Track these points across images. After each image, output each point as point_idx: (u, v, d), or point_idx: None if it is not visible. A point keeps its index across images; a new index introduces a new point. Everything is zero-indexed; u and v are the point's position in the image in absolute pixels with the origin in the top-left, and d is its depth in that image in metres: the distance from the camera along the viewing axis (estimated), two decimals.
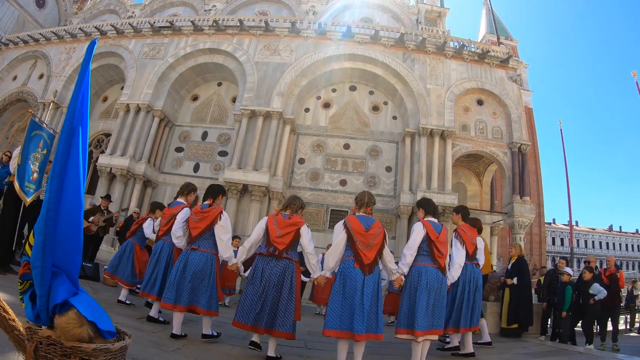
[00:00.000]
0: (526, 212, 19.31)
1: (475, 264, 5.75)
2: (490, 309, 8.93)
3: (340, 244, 4.37)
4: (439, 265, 4.65)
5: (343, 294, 4.16)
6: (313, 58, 21.68)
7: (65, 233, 2.16)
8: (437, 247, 4.66)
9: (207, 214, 5.19)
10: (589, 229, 72.14)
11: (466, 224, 5.84)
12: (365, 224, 4.39)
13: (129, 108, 22.07)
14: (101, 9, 31.43)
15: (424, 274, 4.58)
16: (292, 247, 4.75)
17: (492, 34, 35.44)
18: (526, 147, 20.50)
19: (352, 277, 4.18)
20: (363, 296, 4.08)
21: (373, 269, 4.26)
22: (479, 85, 21.54)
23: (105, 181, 20.94)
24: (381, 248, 4.38)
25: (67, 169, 2.17)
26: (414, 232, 4.74)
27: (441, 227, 4.83)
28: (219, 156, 22.34)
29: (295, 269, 4.72)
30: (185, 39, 23.38)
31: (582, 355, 6.82)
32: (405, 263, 4.62)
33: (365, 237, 4.31)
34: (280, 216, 4.87)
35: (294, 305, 4.57)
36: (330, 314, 4.13)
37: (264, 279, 4.56)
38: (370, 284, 4.17)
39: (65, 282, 2.13)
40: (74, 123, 2.23)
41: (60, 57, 25.95)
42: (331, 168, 21.31)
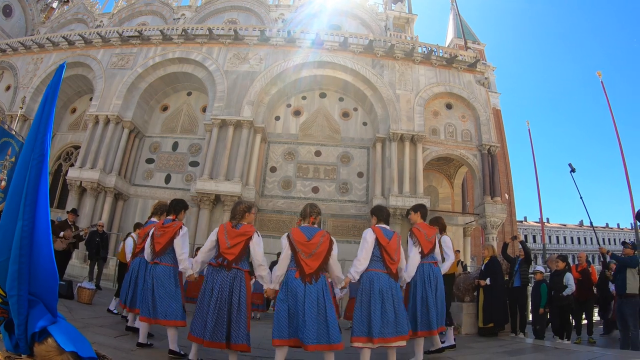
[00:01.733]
0: (498, 212, 19.71)
1: (432, 263, 5.57)
2: (467, 310, 9.14)
3: (286, 256, 4.45)
4: (390, 272, 4.69)
5: (287, 304, 4.25)
6: (283, 66, 21.72)
7: (39, 260, 2.16)
8: (389, 253, 4.69)
9: (168, 229, 5.39)
10: (560, 225, 73.84)
11: (423, 223, 5.78)
12: (307, 234, 4.48)
13: (98, 119, 21.70)
14: (69, 18, 30.81)
15: (376, 281, 4.61)
16: (242, 258, 4.68)
17: (460, 38, 36.01)
18: (495, 149, 20.94)
19: (293, 287, 4.28)
20: (305, 306, 4.15)
21: (317, 278, 4.32)
22: (448, 90, 21.91)
23: (75, 195, 20.51)
24: (326, 257, 4.45)
25: (39, 195, 2.18)
26: (364, 238, 4.77)
27: (392, 233, 4.88)
28: (190, 167, 22.18)
29: (245, 278, 4.67)
30: (154, 48, 23.14)
31: (559, 350, 6.99)
32: (357, 270, 4.67)
33: (307, 247, 4.40)
34: (230, 226, 4.82)
35: (245, 315, 4.53)
36: (276, 324, 4.22)
37: (214, 291, 4.53)
38: (312, 294, 4.23)
39: (42, 310, 2.13)
40: (45, 149, 2.25)
41: (28, 67, 25.37)
42: (303, 176, 21.39)
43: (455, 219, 23.07)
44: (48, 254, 2.24)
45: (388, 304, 4.53)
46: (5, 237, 2.15)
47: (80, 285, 8.85)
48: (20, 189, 2.19)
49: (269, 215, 20.33)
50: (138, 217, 21.11)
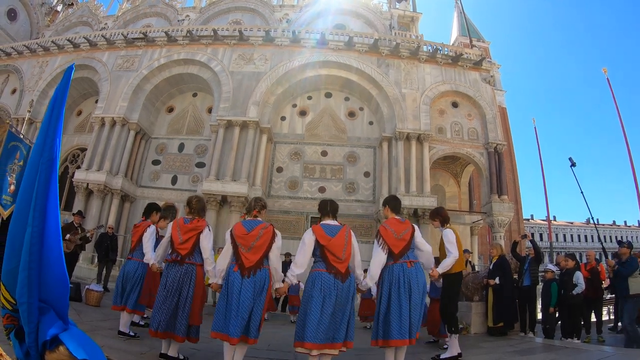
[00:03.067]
0: (505, 211, 19.59)
1: (405, 263, 4.70)
2: (476, 309, 9.06)
3: (227, 250, 4.43)
4: (336, 271, 4.28)
5: (225, 297, 4.23)
6: (288, 66, 21.69)
7: (50, 266, 2.12)
8: (331, 252, 4.33)
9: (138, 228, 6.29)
10: (567, 222, 73.62)
11: (394, 218, 5.00)
12: (247, 227, 4.41)
13: (104, 122, 21.77)
14: (74, 21, 30.92)
15: (317, 281, 4.27)
16: (193, 252, 4.79)
17: (465, 36, 35.91)
18: (502, 147, 20.83)
19: (230, 280, 4.25)
20: (240, 299, 4.10)
21: (255, 272, 4.24)
22: (454, 88, 21.81)
23: (82, 197, 20.58)
24: (267, 250, 4.36)
25: (49, 200, 2.14)
26: (302, 240, 4.47)
27: (339, 228, 4.50)
28: (196, 167, 22.19)
29: (196, 272, 4.75)
30: (159, 50, 23.19)
31: (569, 349, 6.89)
32: (293, 274, 4.39)
33: (245, 240, 4.33)
34: (183, 221, 4.90)
35: (190, 308, 4.60)
36: (215, 316, 4.22)
37: (167, 286, 4.64)
38: (248, 287, 4.16)
39: (53, 318, 2.10)
40: (54, 153, 2.21)
41: (33, 70, 25.46)
42: (309, 176, 21.36)
43: (463, 217, 22.99)
44: (59, 260, 2.20)
45: (328, 307, 4.15)
46: (15, 244, 2.12)
47: (88, 287, 8.85)
48: (29, 194, 2.15)
49: (275, 216, 20.26)
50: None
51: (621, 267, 8.22)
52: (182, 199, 20.51)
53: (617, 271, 8.33)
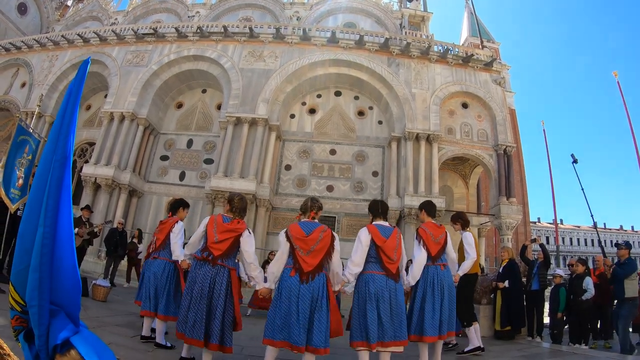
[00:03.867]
0: (513, 213, 19.47)
1: (439, 265, 5.12)
2: (483, 312, 8.99)
3: (284, 252, 4.22)
4: (389, 272, 4.35)
5: (281, 304, 4.03)
6: (298, 64, 21.65)
7: (61, 268, 2.05)
8: (386, 253, 4.36)
9: (165, 225, 5.73)
10: (574, 226, 73.13)
11: (430, 222, 5.33)
12: (306, 230, 4.22)
13: (113, 116, 21.81)
14: (84, 15, 31.07)
15: (371, 283, 4.31)
16: (229, 255, 4.44)
17: (475, 37, 35.76)
18: (511, 149, 20.72)
19: (287, 286, 4.05)
20: (298, 306, 3.93)
21: (314, 277, 4.05)
22: (464, 89, 21.70)
23: (90, 191, 20.65)
24: (327, 254, 4.19)
25: (61, 200, 2.06)
26: (358, 238, 4.48)
27: (392, 230, 4.54)
28: (204, 164, 22.17)
29: (230, 276, 4.38)
30: (169, 45, 23.20)
31: (578, 355, 6.88)
32: (351, 272, 4.37)
33: (305, 243, 4.14)
34: (221, 219, 4.55)
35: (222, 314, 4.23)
36: (268, 324, 4.03)
37: (196, 286, 4.29)
38: (306, 294, 3.97)
39: (65, 321, 2.03)
40: (67, 151, 2.13)
41: (43, 65, 25.58)
42: (318, 174, 21.31)
43: (470, 219, 22.76)
44: (71, 262, 2.11)
45: (384, 307, 4.24)
46: (25, 244, 2.04)
47: (95, 282, 8.81)
48: (41, 193, 2.07)
49: (283, 214, 20.23)
50: (152, 213, 21.26)
51: (618, 268, 8.12)
52: (189, 195, 20.53)
53: (614, 272, 8.23)
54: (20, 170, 7.15)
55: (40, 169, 2.16)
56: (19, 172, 7.11)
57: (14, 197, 7.01)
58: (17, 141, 7.22)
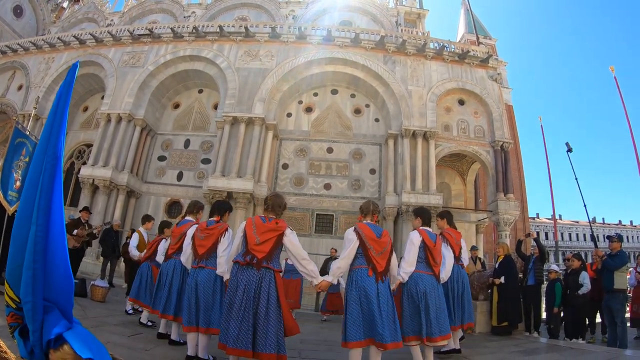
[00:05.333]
0: (511, 209, 19.45)
1: (460, 265, 6.08)
2: (481, 308, 9.03)
3: (353, 250, 4.31)
4: (434, 273, 4.81)
5: (359, 303, 4.13)
6: (294, 63, 21.65)
7: (54, 265, 2.10)
8: (433, 255, 4.82)
9: (213, 231, 5.01)
10: (573, 221, 73.18)
11: (451, 228, 6.12)
12: (376, 232, 4.40)
13: (110, 118, 21.79)
14: (80, 17, 30.98)
15: (420, 282, 4.71)
16: (272, 256, 4.20)
17: (471, 34, 35.77)
18: (508, 145, 20.71)
19: (364, 285, 4.16)
20: (380, 304, 4.08)
21: (386, 276, 4.31)
22: (460, 86, 21.71)
23: (88, 193, 20.63)
24: (390, 257, 4.42)
25: (53, 198, 2.10)
26: (411, 240, 4.87)
27: (436, 236, 5.02)
28: (202, 164, 22.17)
29: (275, 278, 4.16)
30: (165, 46, 23.19)
31: (575, 350, 6.89)
32: (406, 272, 4.73)
33: (378, 245, 4.32)
34: (259, 220, 4.32)
35: (275, 320, 3.98)
36: (350, 325, 4.07)
37: (239, 292, 4.04)
38: (384, 292, 4.19)
39: (58, 317, 2.07)
40: (58, 151, 2.17)
41: (39, 67, 25.51)
42: (315, 172, 21.35)
43: (468, 215, 22.88)
44: (63, 259, 2.17)
45: (432, 304, 4.64)
46: (19, 242, 2.09)
47: (93, 283, 8.87)
48: (33, 193, 2.12)
49: None
50: (151, 214, 20.99)
51: (609, 259, 8.19)
52: (187, 195, 20.58)
53: (605, 262, 8.31)
54: (18, 173, 7.18)
55: (32, 169, 2.21)
56: (16, 175, 7.13)
57: (11, 199, 7.04)
58: (14, 144, 7.24)
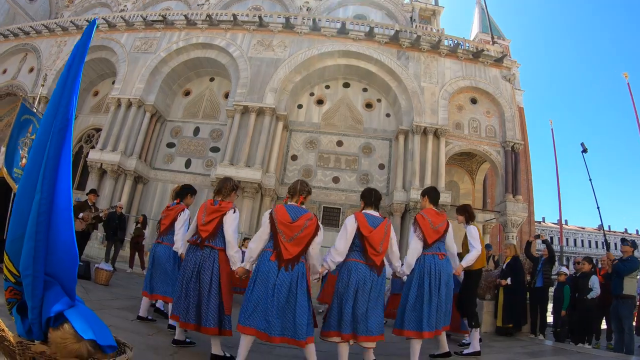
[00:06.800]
0: (519, 211, 19.30)
1: (437, 254, 4.83)
2: (487, 308, 8.92)
3: (263, 234, 4.00)
4: (373, 263, 4.14)
5: (255, 287, 3.82)
6: (307, 54, 21.52)
7: (58, 238, 1.96)
8: (371, 244, 4.15)
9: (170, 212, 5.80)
10: (579, 227, 72.57)
11: (431, 209, 5.07)
12: (292, 215, 3.96)
13: (120, 103, 21.81)
14: (92, 2, 31.04)
15: (354, 272, 4.12)
16: (215, 235, 4.35)
17: (485, 33, 35.51)
18: (519, 146, 20.52)
19: (265, 270, 3.83)
20: (274, 293, 3.72)
21: (294, 266, 3.84)
22: (473, 84, 21.51)
23: (95, 177, 20.70)
24: (308, 243, 3.94)
25: (60, 167, 1.96)
26: (344, 226, 4.28)
27: (381, 220, 4.31)
28: (211, 152, 22.15)
29: (218, 257, 4.29)
30: (178, 33, 23.13)
31: (581, 354, 6.79)
32: (333, 260, 4.18)
33: (289, 229, 3.89)
34: (211, 203, 4.53)
35: (217, 298, 4.16)
36: (243, 308, 3.81)
37: (187, 270, 4.31)
38: (285, 281, 3.76)
39: (59, 293, 1.94)
40: (69, 113, 2.03)
41: (51, 50, 25.56)
42: (324, 165, 21.24)
43: (476, 215, 22.68)
44: (68, 232, 2.02)
45: (362, 298, 4.05)
46: (21, 211, 1.96)
47: (97, 266, 8.75)
48: (39, 158, 1.97)
49: None
50: (157, 200, 21.31)
51: (620, 264, 7.98)
52: (195, 183, 20.35)
53: (616, 267, 8.08)
54: (24, 150, 7.06)
55: (39, 135, 2.07)
56: (22, 152, 7.02)
57: (17, 176, 6.92)
58: (20, 120, 7.13)
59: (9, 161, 6.82)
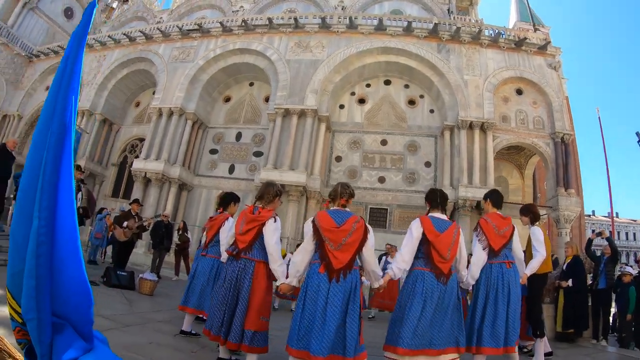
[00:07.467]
0: (572, 205, 18.38)
1: (505, 263, 4.47)
2: (546, 312, 8.18)
3: (309, 245, 3.67)
4: (440, 271, 3.81)
5: (303, 304, 3.48)
6: (345, 53, 21.20)
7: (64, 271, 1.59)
8: (437, 250, 3.84)
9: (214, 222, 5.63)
10: (631, 220, 69.50)
11: (495, 213, 4.74)
12: (337, 220, 3.63)
13: (162, 112, 22.12)
14: (129, 16, 31.75)
15: (419, 281, 3.81)
16: (252, 246, 4.02)
17: (524, 22, 34.43)
18: (569, 137, 19.55)
19: (314, 284, 3.50)
20: (326, 309, 3.37)
21: (345, 275, 3.49)
22: (518, 74, 20.66)
23: (140, 186, 21.04)
24: (359, 248, 3.61)
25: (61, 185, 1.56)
26: (409, 230, 3.98)
27: (449, 224, 4.00)
28: (254, 157, 22.13)
29: (255, 270, 3.95)
30: (214, 40, 23.30)
31: None
32: (399, 267, 3.87)
33: (335, 235, 3.57)
34: (251, 210, 4.19)
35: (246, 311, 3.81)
36: (291, 329, 3.48)
37: (225, 283, 4.00)
38: (337, 295, 3.41)
39: (72, 336, 1.60)
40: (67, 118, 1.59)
41: (91, 65, 26.15)
42: (369, 165, 20.82)
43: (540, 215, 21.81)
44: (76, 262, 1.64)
45: (428, 309, 3.71)
46: (19, 242, 1.57)
47: (141, 276, 8.64)
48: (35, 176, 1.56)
49: None
50: (202, 207, 21.47)
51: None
52: (239, 188, 20.45)
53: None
54: None
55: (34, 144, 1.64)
56: None
57: None
58: None
59: None
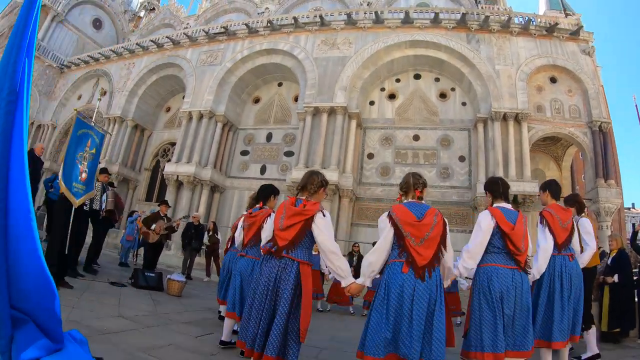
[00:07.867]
0: (612, 197, 17.62)
1: (568, 256, 4.34)
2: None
3: (387, 242, 3.34)
4: (518, 265, 3.56)
5: (387, 307, 3.18)
6: (373, 48, 20.96)
7: (21, 260, 1.42)
8: (514, 242, 3.56)
9: (255, 219, 4.91)
10: None
11: (556, 204, 4.56)
12: (416, 213, 3.32)
13: (192, 116, 22.39)
14: (156, 24, 32.42)
15: (495, 278, 3.53)
16: (296, 244, 3.48)
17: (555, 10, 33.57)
18: (607, 125, 18.75)
19: (397, 285, 3.18)
20: (412, 311, 3.08)
21: (430, 272, 3.20)
22: (551, 62, 19.98)
23: (173, 189, 21.36)
24: (440, 243, 3.30)
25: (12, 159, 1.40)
26: (478, 223, 3.69)
27: (516, 214, 3.73)
28: (285, 157, 22.13)
29: (299, 270, 3.43)
30: (241, 42, 23.48)
31: None
32: (466, 266, 3.62)
33: (418, 230, 3.26)
34: (292, 202, 3.65)
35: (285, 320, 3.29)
36: (370, 335, 3.18)
37: (260, 285, 3.49)
38: (424, 294, 3.13)
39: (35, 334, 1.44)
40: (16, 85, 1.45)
41: (121, 72, 26.89)
42: (401, 161, 20.48)
43: (586, 205, 21.11)
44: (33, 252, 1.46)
45: (508, 309, 3.45)
46: None
47: (169, 277, 8.67)
48: None
49: (367, 204, 19.67)
50: (234, 208, 21.58)
51: None
52: None
53: None
54: (83, 165, 7.07)
55: None
56: (81, 166, 7.03)
57: (77, 191, 6.95)
58: (77, 135, 7.12)
59: (66, 176, 6.77)
